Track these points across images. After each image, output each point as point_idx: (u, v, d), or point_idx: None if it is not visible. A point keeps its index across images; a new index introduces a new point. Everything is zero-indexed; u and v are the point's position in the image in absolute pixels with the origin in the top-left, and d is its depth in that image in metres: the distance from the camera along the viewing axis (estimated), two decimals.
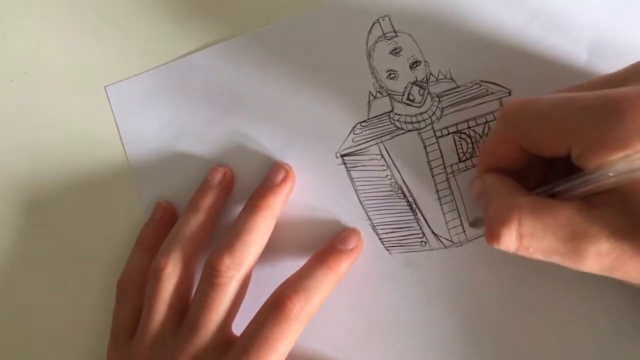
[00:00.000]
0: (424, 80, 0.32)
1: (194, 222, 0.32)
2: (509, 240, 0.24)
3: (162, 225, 0.33)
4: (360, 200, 0.33)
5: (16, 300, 0.36)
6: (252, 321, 0.29)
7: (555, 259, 0.24)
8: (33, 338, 0.36)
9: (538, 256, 0.24)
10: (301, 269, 0.30)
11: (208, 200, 0.32)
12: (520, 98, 0.26)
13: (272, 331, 0.28)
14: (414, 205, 0.32)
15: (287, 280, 0.30)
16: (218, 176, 0.33)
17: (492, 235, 0.24)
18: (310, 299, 0.29)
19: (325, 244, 0.31)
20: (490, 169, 0.28)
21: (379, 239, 0.32)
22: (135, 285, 0.32)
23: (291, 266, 0.31)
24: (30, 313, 0.36)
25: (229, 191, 0.33)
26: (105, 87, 0.35)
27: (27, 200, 0.36)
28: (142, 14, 0.35)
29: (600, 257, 0.23)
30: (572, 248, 0.23)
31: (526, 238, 0.24)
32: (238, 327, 0.30)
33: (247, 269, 0.30)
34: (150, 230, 0.34)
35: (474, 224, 0.31)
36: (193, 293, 0.32)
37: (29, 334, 0.36)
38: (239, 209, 0.32)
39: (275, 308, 0.28)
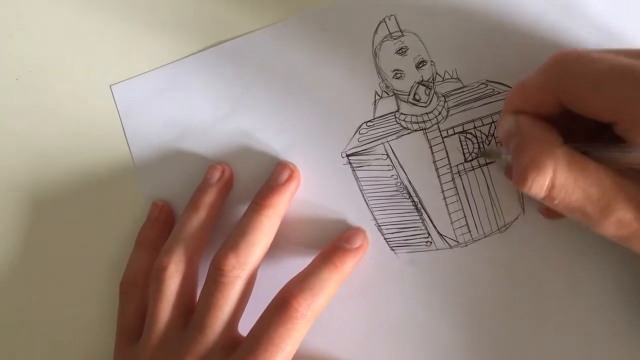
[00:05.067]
0: (430, 80, 0.32)
1: (195, 220, 0.32)
2: (540, 188, 0.24)
3: (159, 224, 0.34)
4: (365, 200, 0.32)
5: (18, 300, 0.36)
6: (258, 321, 0.29)
7: (576, 216, 0.25)
8: (35, 339, 0.35)
9: (560, 208, 0.25)
10: (306, 268, 0.30)
11: (208, 198, 0.32)
12: (574, 50, 0.25)
13: (278, 331, 0.28)
14: (419, 205, 0.32)
15: (292, 279, 0.30)
16: (216, 174, 0.33)
17: (525, 179, 0.24)
18: (316, 297, 0.29)
19: (331, 243, 0.31)
20: (518, 110, 0.27)
21: (384, 239, 0.32)
22: (138, 286, 0.32)
23: (296, 265, 0.31)
24: (32, 313, 0.36)
25: (228, 188, 0.33)
26: (110, 85, 0.35)
27: (31, 198, 0.36)
28: (147, 13, 0.35)
29: (620, 224, 0.24)
30: (597, 209, 0.24)
31: (556, 189, 0.24)
32: (244, 327, 0.30)
33: (252, 268, 0.30)
34: (147, 230, 0.34)
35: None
36: (197, 291, 0.32)
37: (31, 335, 0.36)
38: (244, 208, 0.32)
39: (281, 307, 0.28)
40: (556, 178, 0.24)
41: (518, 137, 0.26)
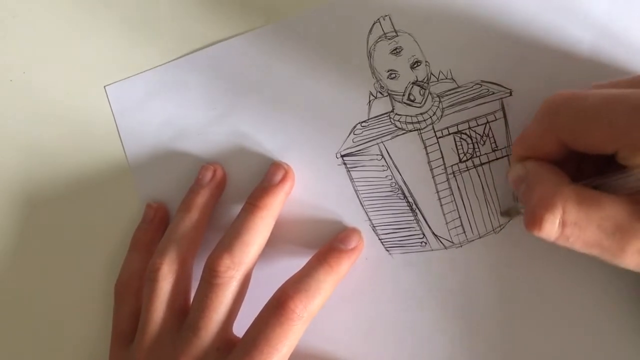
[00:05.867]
0: (424, 80, 0.32)
1: (187, 221, 0.32)
2: (551, 228, 0.24)
3: (153, 226, 0.33)
4: (360, 201, 0.32)
5: (12, 302, 0.36)
6: (254, 322, 0.29)
7: (595, 251, 0.24)
8: (29, 340, 0.35)
9: (577, 247, 0.24)
10: (302, 269, 0.30)
11: (200, 199, 0.32)
12: (564, 92, 0.26)
13: (274, 332, 0.28)
14: (414, 206, 0.32)
15: (288, 280, 0.30)
16: (208, 174, 0.33)
17: (535, 221, 0.24)
18: (312, 298, 0.29)
19: (326, 244, 0.31)
20: (525, 158, 0.27)
21: (379, 239, 0.32)
22: (132, 288, 0.32)
23: (292, 266, 0.31)
24: (27, 315, 0.35)
25: (221, 188, 0.33)
26: (104, 86, 0.35)
27: (26, 200, 0.36)
28: (142, 14, 0.35)
29: None
30: (614, 242, 0.23)
31: (569, 227, 0.24)
32: (240, 328, 0.30)
33: (246, 268, 0.30)
34: (142, 232, 0.34)
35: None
36: (191, 293, 0.32)
37: (25, 337, 0.35)
38: (238, 208, 0.32)
39: (277, 308, 0.28)
40: (567, 215, 0.23)
41: (527, 182, 0.26)
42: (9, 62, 0.36)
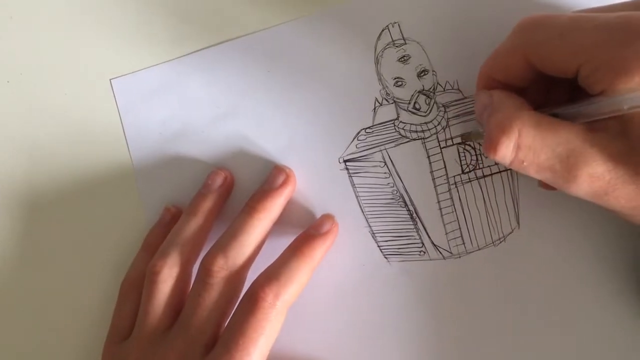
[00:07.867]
0: (431, 90, 0.32)
1: (193, 225, 0.32)
2: (506, 150, 0.24)
3: (168, 230, 0.33)
4: (360, 207, 0.32)
5: (16, 301, 0.36)
6: (231, 317, 0.29)
7: (547, 176, 0.24)
8: (33, 338, 0.35)
9: (531, 171, 0.25)
10: (275, 260, 0.30)
11: (207, 204, 0.32)
12: (538, 13, 0.26)
13: (249, 323, 0.28)
14: (414, 215, 0.32)
15: (262, 272, 0.30)
16: (218, 180, 0.33)
17: (491, 143, 0.24)
18: (283, 287, 0.28)
19: (300, 233, 0.31)
20: (490, 80, 0.28)
21: (378, 246, 0.32)
22: (136, 287, 0.32)
23: None
24: (30, 313, 0.35)
25: (228, 195, 0.33)
26: (110, 79, 0.35)
27: (27, 199, 0.36)
28: (152, 7, 0.35)
29: (593, 179, 0.23)
30: (567, 167, 0.23)
31: (523, 150, 0.24)
32: None
33: (241, 269, 0.30)
34: (155, 235, 0.34)
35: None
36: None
37: (29, 335, 0.35)
38: (238, 210, 0.32)
39: (249, 300, 0.28)
40: (522, 139, 0.24)
41: (490, 109, 0.26)
42: (5, 63, 0.36)
